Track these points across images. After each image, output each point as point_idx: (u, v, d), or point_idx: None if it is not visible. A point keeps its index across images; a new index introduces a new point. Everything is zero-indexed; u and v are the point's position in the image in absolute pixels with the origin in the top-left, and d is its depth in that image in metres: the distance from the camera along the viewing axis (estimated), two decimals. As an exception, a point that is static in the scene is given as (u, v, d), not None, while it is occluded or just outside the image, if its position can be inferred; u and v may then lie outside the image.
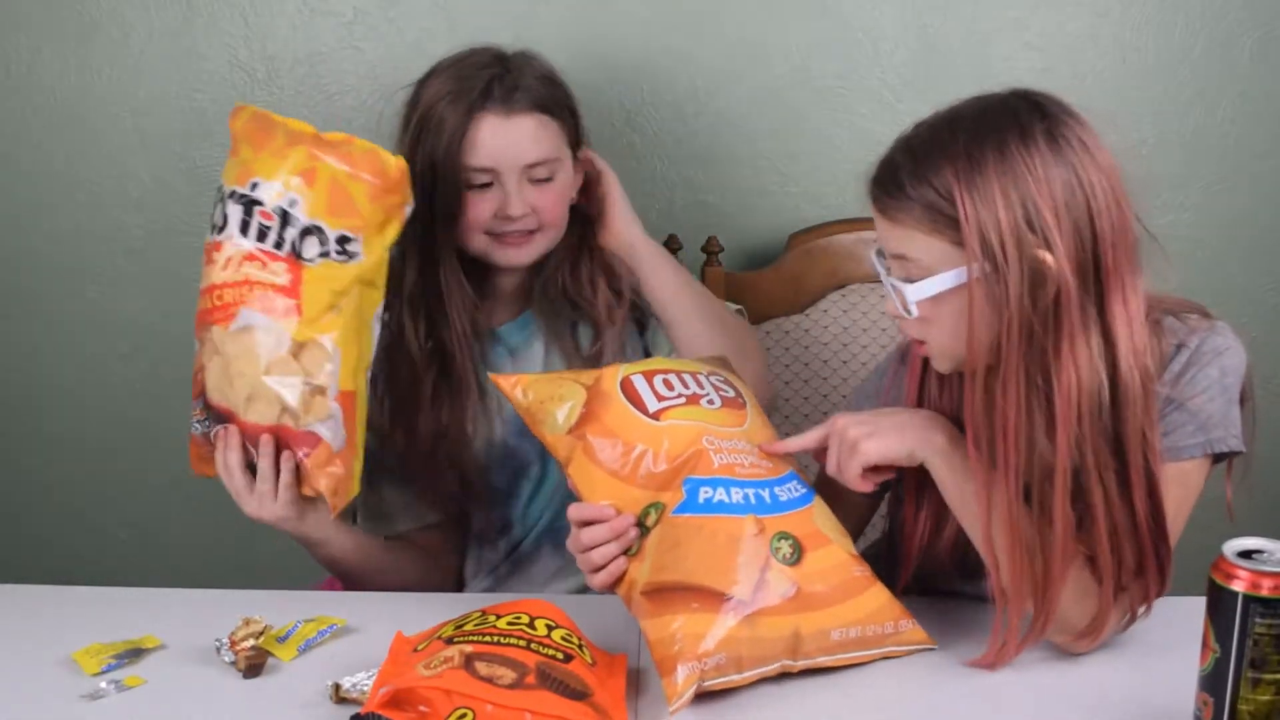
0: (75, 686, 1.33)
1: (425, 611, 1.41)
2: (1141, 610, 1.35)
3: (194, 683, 1.34)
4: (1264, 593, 1.10)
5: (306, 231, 1.45)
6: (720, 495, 1.34)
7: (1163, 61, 2.01)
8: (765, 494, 1.35)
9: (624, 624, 1.37)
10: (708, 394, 1.42)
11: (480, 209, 1.63)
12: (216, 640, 1.38)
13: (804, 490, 1.40)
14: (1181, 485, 1.34)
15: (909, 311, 1.32)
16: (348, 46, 2.02)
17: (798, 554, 1.33)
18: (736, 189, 2.07)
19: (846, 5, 2.00)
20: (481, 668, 1.21)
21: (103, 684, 1.33)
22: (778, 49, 2.01)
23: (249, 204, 1.46)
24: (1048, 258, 1.25)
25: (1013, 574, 1.30)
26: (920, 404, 1.44)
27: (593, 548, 1.35)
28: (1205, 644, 1.14)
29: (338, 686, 1.29)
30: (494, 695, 1.18)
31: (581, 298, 1.72)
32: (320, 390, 1.47)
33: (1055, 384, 1.27)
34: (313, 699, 1.31)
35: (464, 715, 1.17)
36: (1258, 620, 1.10)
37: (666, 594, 1.30)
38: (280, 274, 1.45)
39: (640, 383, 1.41)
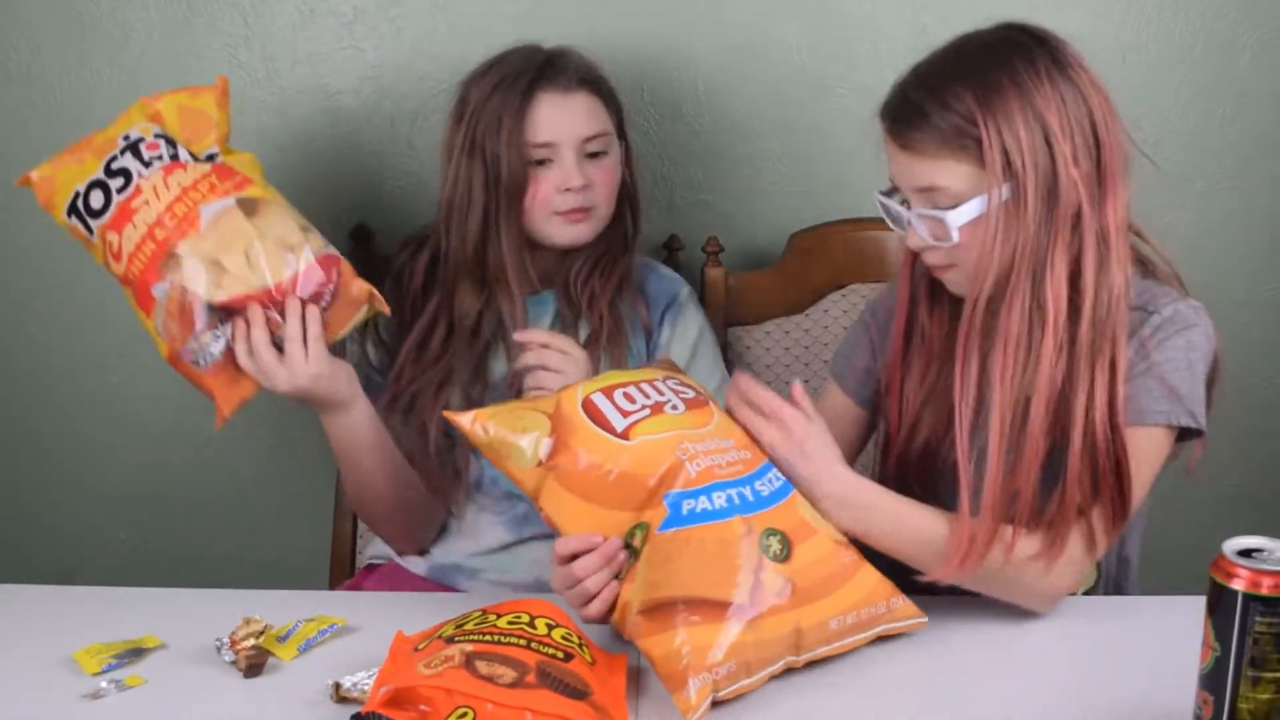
0: (75, 686, 1.33)
1: (425, 611, 1.41)
2: (1101, 534, 1.37)
3: (194, 683, 1.34)
4: (1264, 591, 1.10)
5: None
6: (703, 504, 1.32)
7: (1163, 61, 2.01)
8: (747, 491, 1.34)
9: (624, 623, 1.37)
10: (669, 400, 1.39)
11: (543, 186, 1.70)
12: (217, 640, 1.38)
13: (782, 480, 1.38)
14: (1141, 450, 1.37)
15: (950, 238, 1.36)
16: (348, 46, 2.02)
17: (786, 549, 1.32)
18: (736, 189, 2.07)
19: (847, 4, 2.00)
20: (482, 667, 1.21)
21: (103, 684, 1.33)
22: (778, 48, 2.01)
23: (134, 148, 1.53)
24: (1071, 172, 1.31)
25: (995, 487, 1.34)
26: (909, 333, 1.49)
27: (585, 578, 1.32)
28: (1205, 643, 1.14)
29: (338, 686, 1.29)
30: (494, 694, 1.18)
31: (584, 296, 1.76)
32: (307, 226, 1.56)
33: (1048, 295, 1.32)
34: (313, 699, 1.31)
35: (464, 714, 1.17)
36: (1258, 619, 1.10)
37: (663, 611, 1.28)
38: (204, 168, 1.53)
39: (601, 401, 1.37)
